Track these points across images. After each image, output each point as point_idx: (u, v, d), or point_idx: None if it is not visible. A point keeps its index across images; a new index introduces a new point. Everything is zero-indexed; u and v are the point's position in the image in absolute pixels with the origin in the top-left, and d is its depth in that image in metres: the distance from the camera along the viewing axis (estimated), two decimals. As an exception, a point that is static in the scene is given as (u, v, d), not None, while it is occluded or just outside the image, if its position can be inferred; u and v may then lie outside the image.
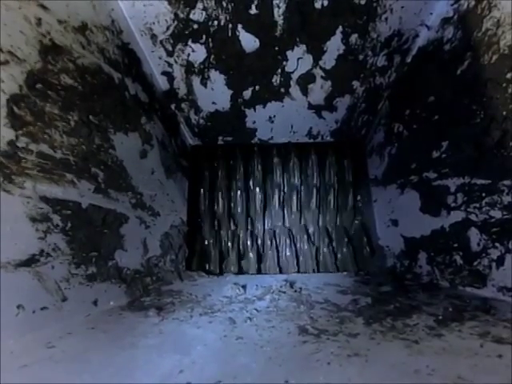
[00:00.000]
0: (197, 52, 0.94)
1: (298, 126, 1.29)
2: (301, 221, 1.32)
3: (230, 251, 1.25)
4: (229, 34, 0.88)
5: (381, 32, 0.89)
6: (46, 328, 0.54)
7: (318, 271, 1.22)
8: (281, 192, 1.33)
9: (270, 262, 1.23)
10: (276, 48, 0.93)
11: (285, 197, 1.33)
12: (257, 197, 1.33)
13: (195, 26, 0.86)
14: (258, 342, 0.51)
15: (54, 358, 0.46)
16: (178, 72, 1.02)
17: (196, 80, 1.05)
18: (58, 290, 0.58)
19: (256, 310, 0.68)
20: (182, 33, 0.88)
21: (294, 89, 1.09)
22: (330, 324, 0.58)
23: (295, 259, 1.24)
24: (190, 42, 0.91)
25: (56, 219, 0.59)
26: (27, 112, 0.54)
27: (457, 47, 0.76)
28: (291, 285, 0.87)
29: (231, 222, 1.31)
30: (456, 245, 0.80)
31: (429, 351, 0.45)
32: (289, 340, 0.52)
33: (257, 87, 1.08)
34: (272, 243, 1.26)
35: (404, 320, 0.58)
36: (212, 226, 1.30)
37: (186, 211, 1.26)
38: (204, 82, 1.06)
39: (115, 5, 0.79)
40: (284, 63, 0.98)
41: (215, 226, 1.30)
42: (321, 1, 0.80)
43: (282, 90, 1.09)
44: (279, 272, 1.21)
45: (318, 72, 1.02)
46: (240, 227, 1.30)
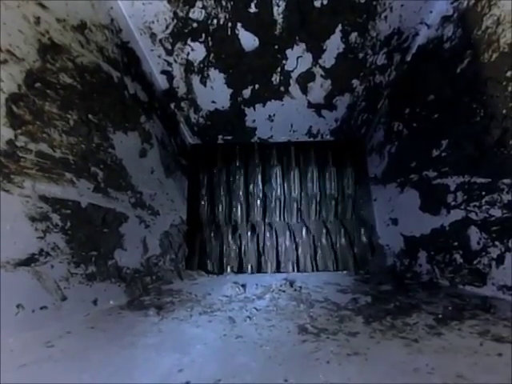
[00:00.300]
0: (196, 51, 0.94)
1: (298, 125, 1.29)
2: (301, 219, 1.32)
3: (230, 250, 1.25)
4: (228, 33, 0.88)
5: (380, 30, 0.89)
6: (46, 327, 0.54)
7: (318, 270, 1.22)
8: (281, 191, 1.33)
9: (270, 261, 1.23)
10: (276, 47, 0.93)
11: (285, 196, 1.33)
12: (256, 196, 1.33)
13: (194, 25, 0.86)
14: (258, 341, 0.51)
15: (54, 357, 0.46)
16: (178, 71, 1.02)
17: (195, 79, 1.05)
18: (58, 290, 0.58)
19: (256, 309, 0.68)
20: (182, 31, 0.88)
21: (294, 87, 1.08)
22: (330, 323, 0.58)
23: (295, 258, 1.24)
24: (190, 41, 0.91)
25: (55, 218, 0.59)
26: (26, 111, 0.54)
27: (457, 45, 0.76)
28: (291, 284, 0.87)
29: (231, 221, 1.31)
30: (456, 243, 0.80)
31: (428, 350, 0.45)
32: (288, 339, 0.52)
33: (256, 86, 1.08)
34: (272, 242, 1.26)
35: (404, 319, 0.58)
36: (212, 225, 1.30)
37: (186, 210, 1.26)
38: (203, 81, 1.06)
39: (114, 3, 0.78)
40: (284, 62, 0.98)
41: (215, 225, 1.30)
42: (320, -1, 0.80)
43: (282, 89, 1.09)
44: (279, 271, 1.21)
45: (318, 71, 1.02)
46: (240, 226, 1.30)
